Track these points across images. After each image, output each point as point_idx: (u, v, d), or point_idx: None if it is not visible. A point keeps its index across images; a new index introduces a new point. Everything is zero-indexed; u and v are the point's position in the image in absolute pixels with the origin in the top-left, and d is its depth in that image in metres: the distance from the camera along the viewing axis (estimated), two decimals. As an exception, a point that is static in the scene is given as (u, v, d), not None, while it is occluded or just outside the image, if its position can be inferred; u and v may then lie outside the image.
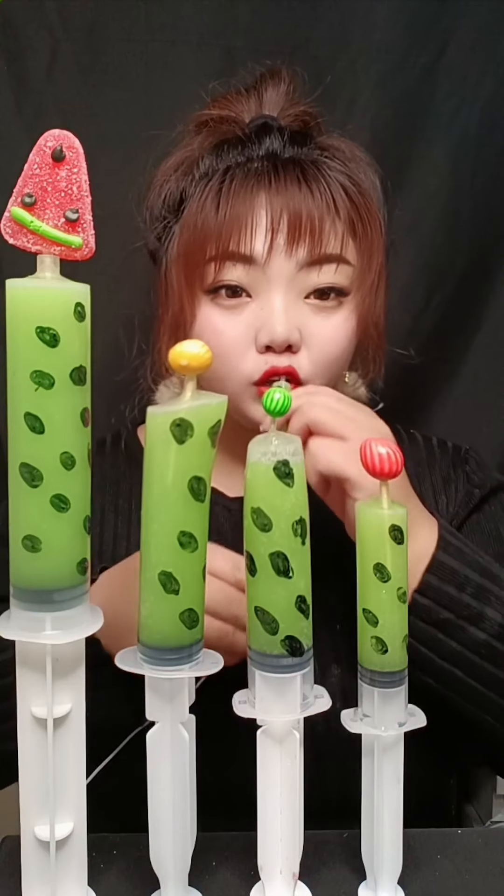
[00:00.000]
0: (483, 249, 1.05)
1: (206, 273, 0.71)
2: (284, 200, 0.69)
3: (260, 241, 0.69)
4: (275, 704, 0.50)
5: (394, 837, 0.54)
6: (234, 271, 0.70)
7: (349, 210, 0.72)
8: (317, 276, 0.71)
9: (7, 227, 0.46)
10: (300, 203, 0.69)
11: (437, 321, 1.06)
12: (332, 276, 0.71)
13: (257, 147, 0.72)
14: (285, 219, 0.69)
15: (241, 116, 0.76)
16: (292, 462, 0.48)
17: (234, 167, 0.71)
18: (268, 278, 0.70)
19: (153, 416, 0.47)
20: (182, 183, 0.74)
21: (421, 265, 1.04)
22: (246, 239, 0.69)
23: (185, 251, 0.72)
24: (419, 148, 1.02)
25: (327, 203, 0.70)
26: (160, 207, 0.76)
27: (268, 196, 0.70)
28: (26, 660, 0.49)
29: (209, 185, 0.71)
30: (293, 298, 0.71)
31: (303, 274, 0.70)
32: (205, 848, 0.54)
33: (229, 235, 0.69)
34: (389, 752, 0.53)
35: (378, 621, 0.51)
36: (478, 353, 1.07)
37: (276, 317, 0.69)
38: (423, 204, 1.03)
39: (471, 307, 1.06)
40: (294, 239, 0.69)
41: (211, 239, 0.70)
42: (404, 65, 1.00)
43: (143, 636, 0.49)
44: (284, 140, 0.72)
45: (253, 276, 0.70)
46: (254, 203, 0.70)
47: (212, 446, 0.48)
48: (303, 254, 0.70)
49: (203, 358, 0.46)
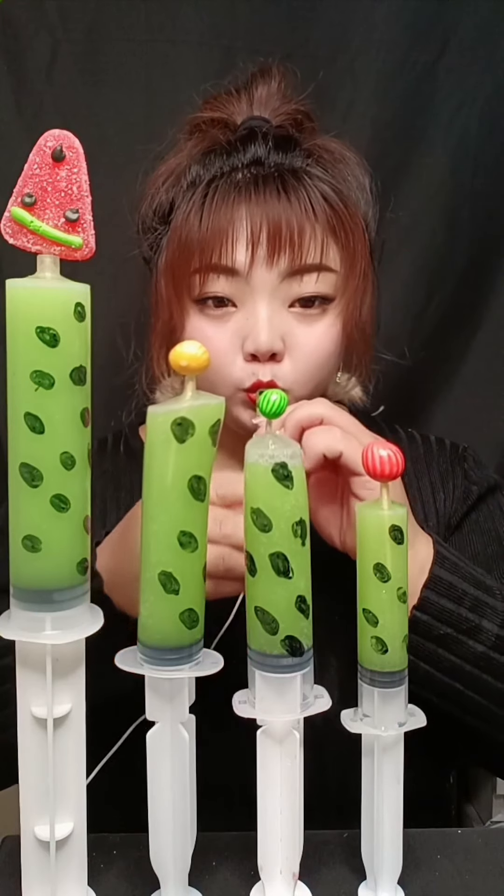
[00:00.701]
0: (483, 249, 1.05)
1: (192, 284, 0.73)
2: (264, 212, 0.70)
3: (241, 254, 0.70)
4: (275, 704, 0.50)
5: (394, 837, 0.54)
6: (219, 283, 0.72)
7: (330, 217, 0.72)
8: (298, 285, 0.72)
9: (7, 227, 0.46)
10: (279, 214, 0.70)
11: (437, 321, 1.06)
12: (314, 285, 0.72)
13: (242, 155, 0.73)
14: (265, 231, 0.70)
15: (233, 118, 0.76)
16: (291, 465, 0.48)
17: (217, 178, 0.72)
18: (251, 289, 0.71)
19: (154, 416, 0.47)
20: (171, 193, 0.75)
21: (421, 265, 1.04)
22: (227, 251, 0.71)
23: (172, 263, 0.74)
24: (419, 148, 1.02)
25: (307, 212, 0.71)
26: (151, 218, 0.77)
27: (248, 208, 0.71)
28: (26, 660, 0.49)
29: (193, 196, 0.72)
30: (277, 307, 0.72)
31: (285, 284, 0.72)
32: (205, 848, 0.54)
33: (211, 249, 0.71)
34: (389, 752, 0.53)
35: (378, 621, 0.51)
36: (478, 353, 1.07)
37: (259, 326, 0.70)
38: (423, 204, 1.03)
39: (471, 307, 1.06)
40: (274, 250, 0.70)
41: (194, 252, 0.71)
42: (404, 65, 1.00)
43: (143, 636, 0.49)
44: (269, 147, 0.73)
45: (237, 287, 0.72)
46: (234, 216, 0.71)
47: (212, 445, 0.48)
48: (284, 264, 0.71)
49: (201, 359, 0.47)
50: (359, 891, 0.55)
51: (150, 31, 0.99)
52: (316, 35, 0.99)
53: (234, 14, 0.99)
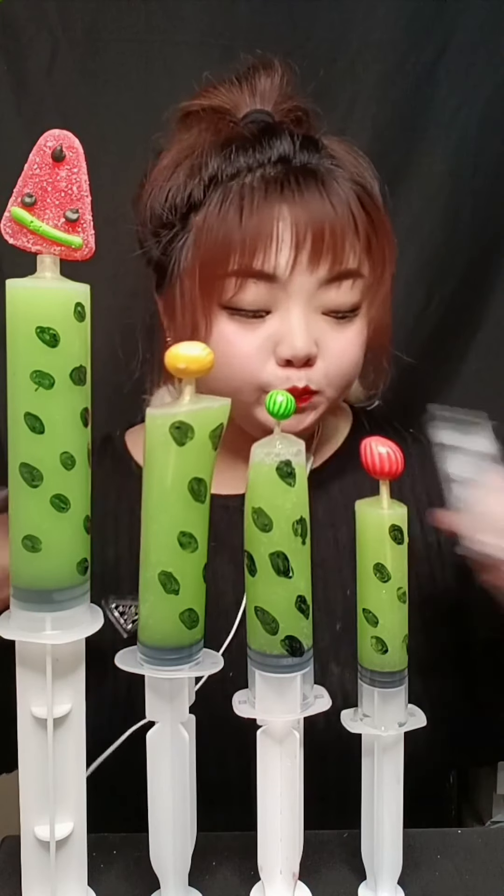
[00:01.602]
0: (483, 249, 1.05)
1: (225, 288, 0.69)
2: (308, 215, 0.68)
3: (284, 258, 0.68)
4: (275, 704, 0.50)
5: (394, 837, 0.54)
6: (255, 290, 0.68)
7: (365, 223, 0.71)
8: (335, 293, 0.70)
9: (7, 227, 0.46)
10: (323, 218, 0.68)
11: (438, 321, 1.06)
12: (349, 292, 0.71)
13: (268, 150, 0.70)
14: (310, 235, 0.68)
15: (234, 109, 0.74)
16: (294, 462, 0.48)
17: (248, 171, 0.70)
18: (288, 294, 0.69)
19: (152, 418, 0.47)
20: (189, 185, 0.71)
21: (421, 265, 1.04)
22: (270, 255, 0.68)
23: (203, 263, 0.70)
24: (419, 148, 1.02)
25: (347, 217, 0.70)
26: (163, 209, 0.72)
27: (290, 208, 0.68)
28: (26, 660, 0.49)
29: (228, 194, 0.69)
30: (311, 312, 0.70)
31: (322, 290, 0.70)
32: (205, 848, 0.54)
33: (253, 251, 0.67)
34: (389, 752, 0.53)
35: (378, 621, 0.51)
36: (478, 353, 1.07)
37: (296, 332, 0.68)
38: (423, 204, 1.03)
39: (471, 307, 1.06)
40: (317, 256, 0.68)
41: (233, 254, 0.68)
42: (404, 65, 1.00)
43: (144, 636, 0.49)
44: (295, 145, 0.71)
45: (273, 292, 0.69)
46: (276, 216, 0.68)
47: (213, 448, 0.48)
48: (324, 271, 0.69)
49: (204, 361, 0.46)
50: (359, 891, 0.56)
51: (150, 31, 0.98)
52: (316, 35, 0.99)
53: (234, 14, 0.99)
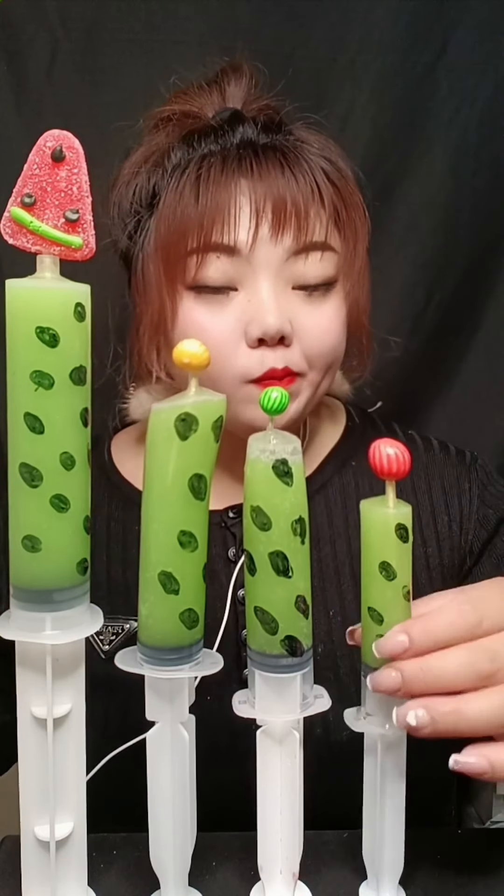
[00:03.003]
0: (483, 249, 1.05)
1: (187, 267, 0.67)
2: (267, 186, 0.66)
3: (244, 230, 0.66)
4: (275, 704, 0.50)
5: (396, 837, 0.54)
6: (218, 265, 0.67)
7: (332, 195, 0.69)
8: (303, 264, 0.68)
9: (7, 227, 0.46)
10: (284, 188, 0.67)
11: (438, 321, 1.06)
12: (318, 264, 0.68)
13: (231, 135, 0.70)
14: (269, 205, 0.66)
15: (204, 111, 0.74)
16: (291, 461, 0.48)
17: (209, 155, 0.69)
18: (253, 269, 0.67)
19: (157, 413, 0.47)
20: (153, 177, 0.71)
21: (421, 265, 1.04)
22: (229, 228, 0.66)
23: (164, 244, 0.68)
24: (419, 148, 1.02)
25: (311, 188, 0.68)
26: (130, 202, 0.72)
27: (250, 182, 0.67)
28: (26, 660, 0.49)
29: (185, 174, 0.68)
30: (281, 288, 0.68)
31: (289, 263, 0.67)
32: (205, 848, 0.54)
33: (211, 225, 0.66)
34: (392, 750, 0.53)
35: (383, 620, 0.51)
36: (478, 353, 1.07)
37: (266, 307, 0.66)
38: (423, 204, 1.03)
39: (471, 307, 1.06)
40: (280, 225, 0.66)
41: (192, 230, 0.66)
42: (404, 65, 1.00)
43: (143, 636, 0.49)
44: (258, 128, 0.70)
45: (238, 268, 0.67)
46: (235, 190, 0.66)
47: (215, 441, 0.48)
48: (289, 241, 0.67)
49: (202, 357, 0.46)
50: (360, 891, 0.55)
51: (150, 31, 0.98)
52: (316, 35, 0.99)
53: (234, 14, 0.99)
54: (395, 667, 0.48)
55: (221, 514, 0.76)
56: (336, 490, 0.78)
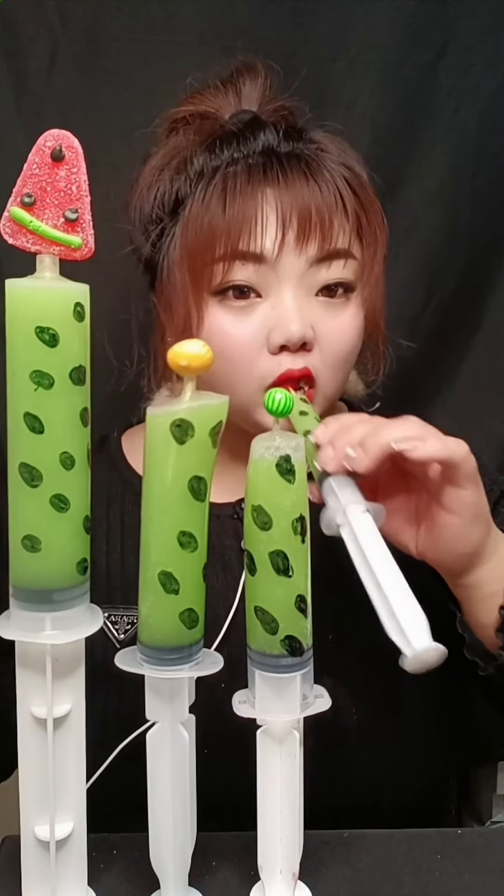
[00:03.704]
0: (483, 249, 1.05)
1: (213, 274, 0.69)
2: (293, 196, 0.68)
3: (270, 239, 0.68)
4: (275, 704, 0.50)
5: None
6: (243, 271, 0.68)
7: (354, 203, 0.71)
8: (326, 271, 0.70)
9: (6, 227, 0.46)
10: (309, 198, 0.68)
11: (438, 321, 1.06)
12: (341, 271, 0.70)
13: (252, 142, 0.71)
14: (295, 214, 0.68)
15: (220, 112, 0.74)
16: (294, 458, 0.48)
17: (233, 163, 0.70)
18: (278, 277, 0.69)
19: (153, 417, 0.47)
20: (176, 183, 0.72)
21: (421, 265, 1.04)
22: (256, 236, 0.68)
23: (190, 252, 0.70)
24: (419, 148, 1.02)
25: (335, 197, 0.70)
26: (152, 209, 0.73)
27: (276, 192, 0.68)
28: (26, 660, 0.49)
29: (212, 182, 0.70)
30: (303, 295, 0.69)
31: (312, 270, 0.69)
32: (205, 848, 0.54)
33: (238, 234, 0.68)
34: None
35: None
36: (478, 353, 1.07)
37: (290, 315, 0.68)
38: (423, 204, 1.03)
39: (471, 307, 1.06)
40: (304, 235, 0.68)
41: (219, 238, 0.68)
42: (404, 65, 1.00)
43: (143, 636, 0.49)
44: (279, 135, 0.71)
45: (262, 275, 0.69)
46: (261, 199, 0.68)
47: (213, 446, 0.48)
48: (313, 250, 0.68)
49: (204, 358, 0.46)
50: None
51: (150, 31, 0.98)
52: (316, 35, 0.99)
53: (234, 14, 0.99)
54: (325, 443, 0.58)
55: (234, 505, 0.77)
56: None
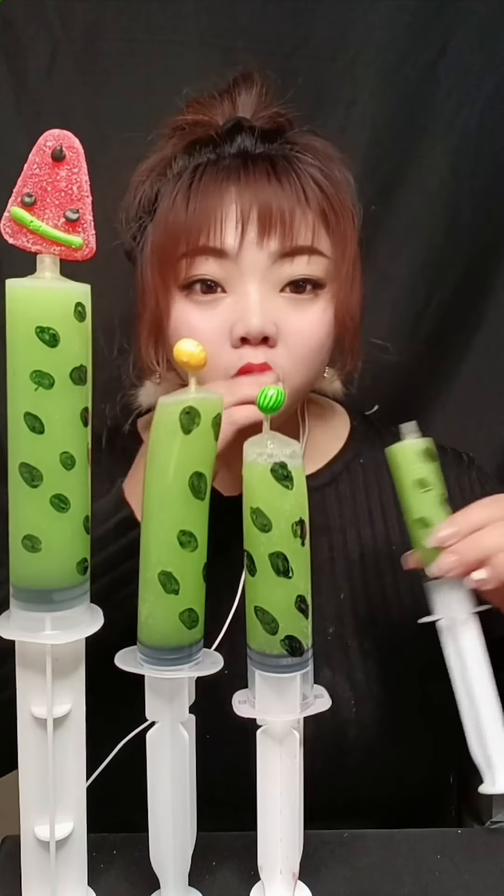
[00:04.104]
0: (483, 249, 1.05)
1: (178, 269, 0.71)
2: (254, 192, 0.69)
3: (231, 234, 0.69)
4: (275, 704, 0.50)
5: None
6: (207, 265, 0.70)
7: (320, 201, 0.72)
8: (290, 267, 0.70)
9: (7, 226, 0.46)
10: (270, 195, 0.69)
11: (438, 321, 1.06)
12: (305, 266, 0.71)
13: (229, 145, 0.73)
14: (255, 210, 0.69)
15: (215, 120, 0.76)
16: (290, 465, 0.48)
17: (204, 164, 0.72)
18: (241, 271, 0.70)
19: (163, 406, 0.48)
20: (157, 184, 0.74)
21: (421, 265, 1.04)
22: (216, 232, 0.69)
23: (158, 248, 0.72)
24: (419, 148, 1.02)
25: (297, 194, 0.70)
26: (136, 209, 0.76)
27: (237, 189, 0.70)
28: (26, 660, 0.49)
29: (179, 182, 0.72)
30: (268, 291, 0.70)
31: (276, 266, 0.70)
32: (205, 848, 0.54)
33: (199, 230, 0.69)
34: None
35: (428, 525, 0.62)
36: (478, 353, 1.07)
37: (251, 308, 0.68)
38: (423, 204, 1.03)
39: (471, 307, 1.06)
40: (265, 230, 0.69)
41: (181, 235, 0.70)
42: (404, 65, 1.00)
43: (143, 636, 0.49)
44: (255, 137, 0.73)
45: (226, 270, 0.70)
46: (223, 197, 0.70)
47: (214, 437, 0.48)
48: (274, 245, 0.69)
49: (199, 356, 0.48)
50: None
51: (150, 31, 0.98)
52: (316, 35, 0.99)
53: (234, 14, 0.99)
54: (450, 550, 0.60)
55: (237, 498, 0.77)
56: (346, 483, 0.81)
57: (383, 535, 0.79)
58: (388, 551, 0.78)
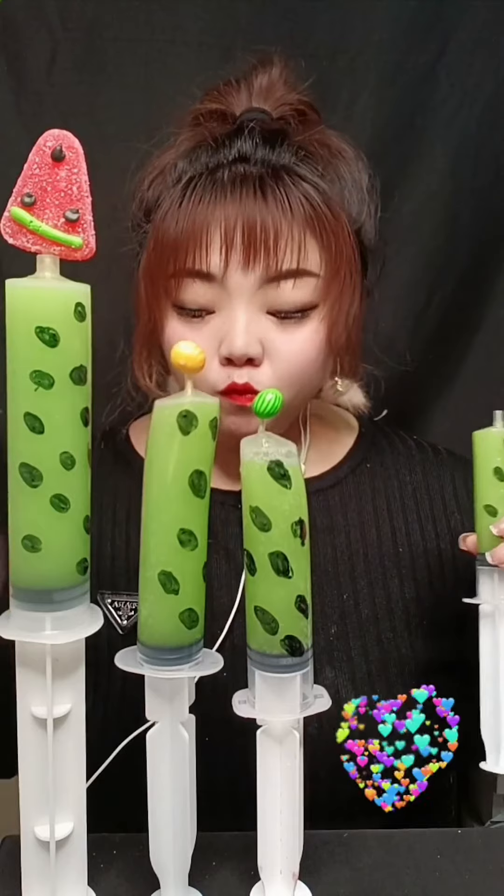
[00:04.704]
0: (483, 249, 1.05)
1: (169, 287, 0.71)
2: (239, 213, 0.68)
3: (216, 257, 0.69)
4: (275, 704, 0.50)
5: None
6: (195, 288, 0.70)
7: (310, 217, 0.70)
8: (276, 292, 0.69)
9: (7, 227, 0.46)
10: (255, 215, 0.68)
11: (438, 321, 1.06)
12: (290, 292, 0.70)
13: (228, 151, 0.71)
14: (239, 234, 0.68)
15: (232, 109, 0.75)
16: (287, 464, 0.48)
17: (198, 175, 0.71)
18: (228, 293, 0.69)
19: (161, 409, 0.47)
20: (157, 189, 0.74)
21: (421, 265, 1.04)
22: (202, 256, 0.69)
23: (150, 265, 0.72)
24: (419, 148, 1.02)
25: (283, 212, 0.69)
26: (139, 215, 0.75)
27: (223, 209, 0.69)
28: (26, 660, 0.49)
29: (173, 195, 0.71)
30: (254, 312, 0.70)
31: (262, 290, 0.69)
32: (205, 848, 0.54)
33: (185, 252, 0.69)
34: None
35: (496, 512, 0.63)
36: (478, 353, 1.07)
37: (236, 331, 0.68)
38: (423, 204, 1.03)
39: (471, 307, 1.06)
40: (249, 255, 0.68)
41: (170, 254, 0.70)
42: (404, 65, 1.00)
43: (143, 636, 0.49)
44: (256, 142, 0.71)
45: (213, 292, 0.70)
46: (209, 218, 0.69)
47: (212, 438, 0.48)
48: (260, 270, 0.69)
49: (196, 359, 0.48)
50: None
51: (150, 31, 0.98)
52: (316, 35, 0.99)
53: (234, 14, 0.99)
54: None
55: (237, 494, 0.77)
56: (351, 486, 0.81)
57: (389, 538, 0.78)
58: (394, 553, 0.77)
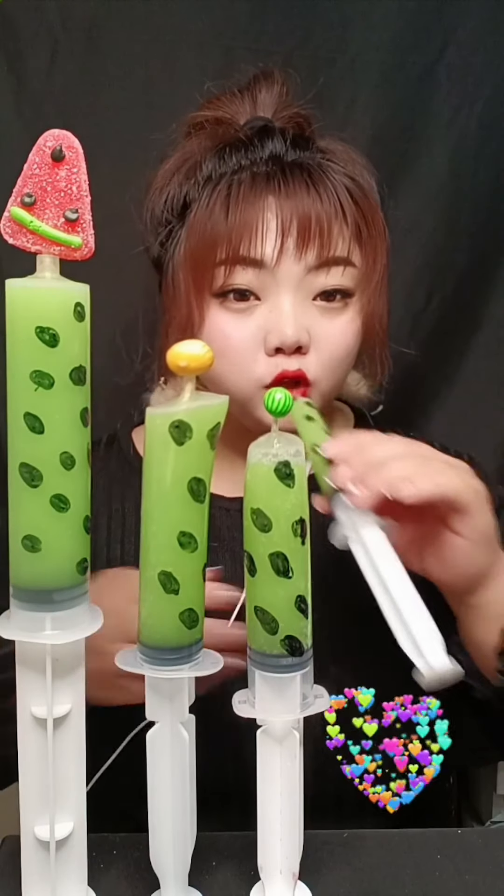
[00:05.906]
0: (483, 249, 1.05)
1: (215, 277, 0.71)
2: (294, 204, 0.70)
3: (270, 245, 0.70)
4: (275, 704, 0.50)
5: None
6: (244, 275, 0.71)
7: (354, 213, 0.73)
8: (325, 278, 0.72)
9: (7, 226, 0.46)
10: (309, 207, 0.70)
11: (438, 321, 1.06)
12: (339, 278, 0.72)
13: (260, 150, 0.73)
14: (295, 223, 0.70)
15: (236, 118, 0.76)
16: (293, 463, 0.48)
17: (239, 170, 0.72)
18: (277, 281, 0.71)
19: (152, 418, 0.47)
20: (185, 186, 0.74)
21: (421, 265, 1.04)
22: (256, 243, 0.70)
23: (193, 255, 0.72)
24: (419, 148, 1.02)
25: (335, 206, 0.71)
26: (162, 211, 0.76)
27: (277, 200, 0.70)
28: (26, 660, 0.49)
29: (217, 189, 0.72)
30: (301, 300, 0.71)
31: (311, 276, 0.71)
32: (205, 848, 0.54)
33: (239, 239, 0.70)
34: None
35: None
36: (478, 353, 1.07)
37: (285, 319, 0.70)
38: (423, 204, 1.03)
39: (471, 307, 1.06)
40: (304, 242, 0.70)
41: (221, 243, 0.71)
42: (404, 65, 1.00)
43: (143, 636, 0.49)
44: (287, 143, 0.73)
45: (262, 280, 0.71)
46: (263, 207, 0.70)
47: (211, 448, 0.48)
48: (312, 257, 0.71)
49: (203, 359, 0.46)
50: None
51: (150, 31, 0.99)
52: (316, 35, 0.99)
53: (234, 14, 0.99)
54: (341, 461, 0.57)
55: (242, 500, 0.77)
56: None
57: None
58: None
